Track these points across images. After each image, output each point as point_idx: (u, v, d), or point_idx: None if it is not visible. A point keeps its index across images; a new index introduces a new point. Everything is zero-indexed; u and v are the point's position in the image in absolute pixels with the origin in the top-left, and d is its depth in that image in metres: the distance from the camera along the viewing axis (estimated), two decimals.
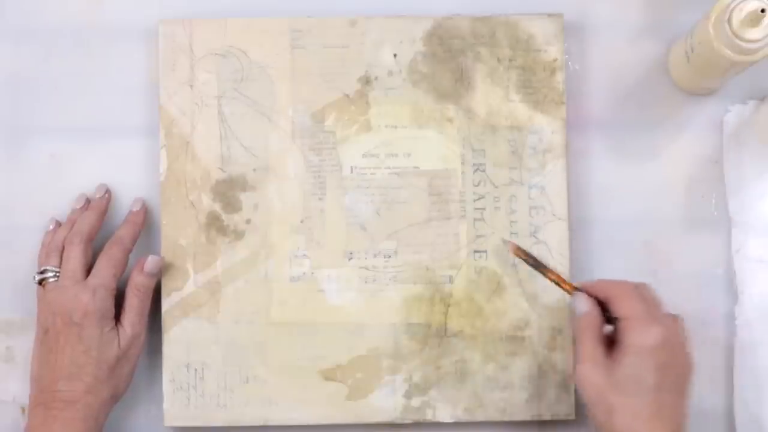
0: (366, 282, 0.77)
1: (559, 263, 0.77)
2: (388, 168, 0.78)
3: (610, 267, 0.79)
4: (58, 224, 0.78)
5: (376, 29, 0.78)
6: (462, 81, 0.78)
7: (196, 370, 0.77)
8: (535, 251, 0.77)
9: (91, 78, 0.80)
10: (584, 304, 0.70)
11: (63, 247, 0.76)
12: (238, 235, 0.78)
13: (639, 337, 0.67)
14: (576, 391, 0.77)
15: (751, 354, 0.78)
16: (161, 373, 0.77)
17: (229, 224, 0.78)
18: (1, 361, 0.79)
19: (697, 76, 0.76)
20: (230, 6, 0.80)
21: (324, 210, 0.78)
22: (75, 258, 0.74)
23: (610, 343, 0.69)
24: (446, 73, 0.78)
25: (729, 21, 0.68)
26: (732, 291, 0.79)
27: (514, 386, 0.77)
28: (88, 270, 0.75)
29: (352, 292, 0.77)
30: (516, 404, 0.77)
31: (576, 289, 0.72)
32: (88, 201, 0.78)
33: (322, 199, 0.78)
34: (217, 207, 0.78)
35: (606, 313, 0.70)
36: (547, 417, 0.77)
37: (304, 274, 0.77)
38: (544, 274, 0.74)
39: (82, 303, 0.73)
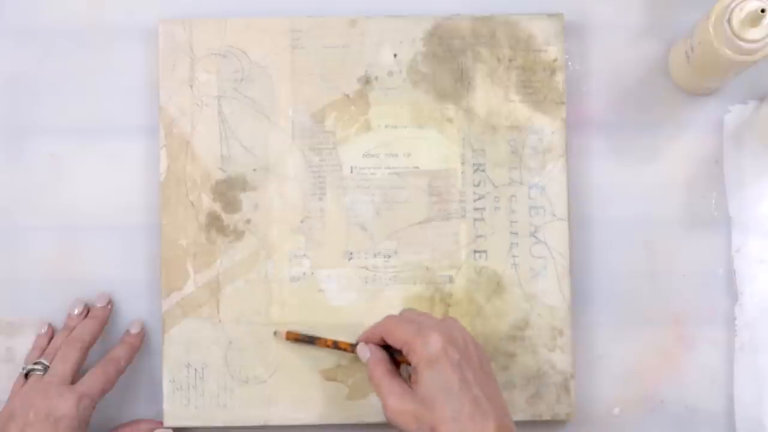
0: (366, 282, 0.77)
1: (559, 263, 0.77)
2: (388, 168, 0.78)
3: (610, 267, 0.79)
4: (51, 328, 0.78)
5: (376, 29, 0.78)
6: (462, 81, 0.78)
7: (196, 370, 0.77)
8: (535, 251, 0.77)
9: (91, 78, 0.80)
10: (366, 351, 0.71)
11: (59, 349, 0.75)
12: (238, 235, 0.78)
13: (422, 351, 0.66)
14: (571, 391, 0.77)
15: (751, 354, 0.78)
16: (161, 373, 0.77)
17: (229, 224, 0.78)
18: (1, 362, 0.79)
19: (697, 76, 0.76)
20: (230, 6, 0.80)
21: (324, 210, 0.78)
22: (70, 361, 0.74)
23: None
24: (446, 73, 0.78)
25: (729, 21, 0.68)
26: (732, 291, 0.79)
27: (514, 386, 0.77)
28: (75, 377, 0.74)
29: (352, 292, 0.77)
30: (516, 404, 0.76)
31: (354, 345, 0.73)
32: (86, 308, 0.78)
33: (322, 199, 0.78)
34: (217, 207, 0.78)
35: (392, 354, 0.71)
36: (547, 417, 0.77)
37: (304, 274, 0.77)
38: (320, 344, 0.75)
39: (66, 405, 0.71)
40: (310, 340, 0.76)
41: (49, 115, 0.80)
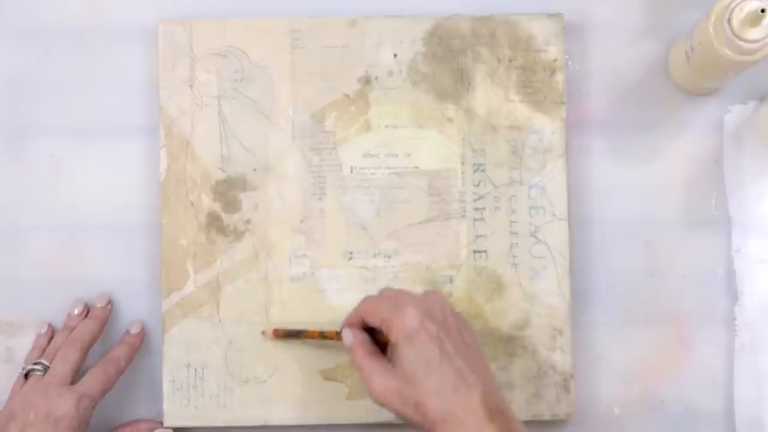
0: (366, 282, 0.77)
1: (559, 263, 0.77)
2: (388, 168, 0.78)
3: (610, 267, 0.79)
4: (51, 328, 0.78)
5: (376, 29, 0.78)
6: (462, 81, 0.78)
7: (196, 370, 0.77)
8: (535, 251, 0.77)
9: (91, 78, 0.80)
10: (348, 336, 0.70)
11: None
12: (238, 235, 0.78)
13: (399, 326, 0.66)
14: (570, 391, 0.77)
15: (751, 354, 0.78)
16: (161, 373, 0.77)
17: (229, 224, 0.78)
18: (1, 362, 0.79)
19: (697, 76, 0.76)
20: (230, 6, 0.80)
21: (324, 210, 0.78)
22: (70, 361, 0.74)
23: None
24: (446, 73, 0.78)
25: (729, 21, 0.68)
26: (732, 291, 0.79)
27: (514, 386, 0.77)
28: (75, 377, 0.74)
29: (352, 292, 0.77)
30: (516, 404, 0.76)
31: (339, 332, 0.72)
32: (86, 308, 0.78)
33: (322, 199, 0.78)
34: (217, 207, 0.78)
35: (376, 336, 0.70)
36: (547, 417, 0.77)
37: (304, 274, 0.77)
38: (307, 336, 0.75)
39: (66, 405, 0.71)
40: (297, 335, 0.76)
41: (49, 115, 0.80)
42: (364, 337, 0.70)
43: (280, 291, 0.77)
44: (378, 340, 0.70)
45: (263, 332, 0.77)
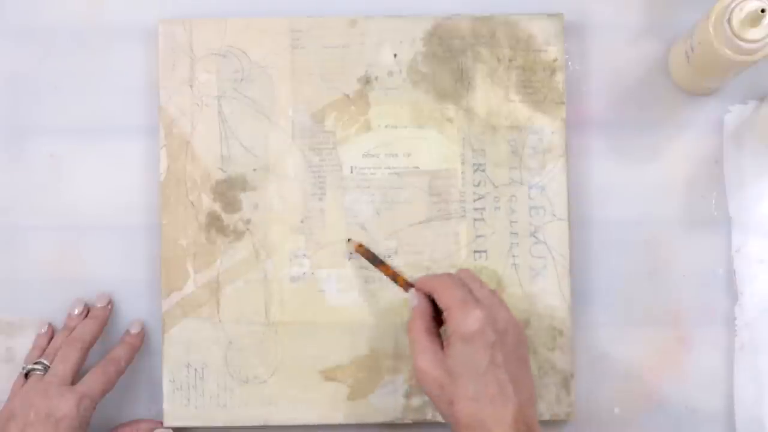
0: (366, 282, 0.77)
1: (559, 263, 0.77)
2: (388, 168, 0.78)
3: (610, 267, 0.79)
4: (51, 328, 0.78)
5: (376, 29, 0.78)
6: (462, 81, 0.78)
7: (196, 370, 0.77)
8: (535, 251, 0.77)
9: (91, 78, 0.80)
10: (414, 299, 0.70)
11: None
12: (238, 235, 0.78)
13: (461, 323, 0.66)
14: (569, 391, 0.77)
15: (751, 354, 0.78)
16: (161, 373, 0.77)
17: (229, 224, 0.78)
18: (1, 362, 0.79)
19: (697, 76, 0.77)
20: (230, 6, 0.80)
21: (324, 210, 0.78)
22: (70, 361, 0.74)
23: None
24: (446, 73, 0.78)
25: (729, 21, 0.68)
26: (732, 291, 0.79)
27: None
28: (75, 377, 0.74)
29: (353, 292, 0.77)
30: None
31: (410, 285, 0.72)
32: (86, 308, 0.78)
33: (322, 199, 0.78)
34: (217, 207, 0.78)
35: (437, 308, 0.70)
36: (546, 417, 0.77)
37: (304, 274, 0.77)
38: (381, 269, 0.75)
39: (67, 405, 0.71)
40: (374, 261, 0.75)
41: (49, 115, 0.80)
42: (426, 307, 0.69)
43: (280, 291, 0.77)
44: (437, 307, 0.69)
45: (349, 240, 0.77)
